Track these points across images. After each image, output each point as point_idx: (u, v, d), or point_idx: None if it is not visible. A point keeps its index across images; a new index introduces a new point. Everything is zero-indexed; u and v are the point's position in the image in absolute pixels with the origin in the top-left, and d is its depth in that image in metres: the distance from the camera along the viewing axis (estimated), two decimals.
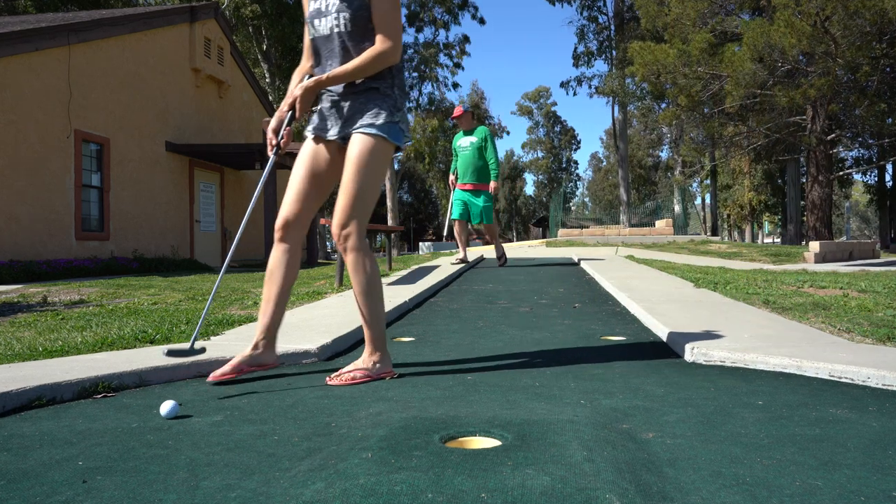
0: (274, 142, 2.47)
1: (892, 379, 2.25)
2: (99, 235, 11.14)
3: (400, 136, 2.48)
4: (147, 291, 5.87)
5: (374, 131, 2.40)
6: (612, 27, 31.65)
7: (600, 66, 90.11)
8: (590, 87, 34.58)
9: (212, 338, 3.30)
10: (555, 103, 61.64)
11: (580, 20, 33.98)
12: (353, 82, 2.44)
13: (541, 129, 62.16)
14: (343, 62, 2.42)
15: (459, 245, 7.95)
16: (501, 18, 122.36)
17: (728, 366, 2.68)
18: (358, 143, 2.41)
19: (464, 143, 7.76)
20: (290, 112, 2.44)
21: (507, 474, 1.38)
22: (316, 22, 2.45)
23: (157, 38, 12.71)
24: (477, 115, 44.45)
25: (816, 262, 10.15)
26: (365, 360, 2.45)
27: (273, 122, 2.48)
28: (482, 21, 33.03)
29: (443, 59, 34.14)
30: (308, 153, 2.53)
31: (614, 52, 31.09)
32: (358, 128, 2.42)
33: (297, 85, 2.47)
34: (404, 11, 32.13)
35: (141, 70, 12.19)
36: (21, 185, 9.58)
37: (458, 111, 7.76)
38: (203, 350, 2.39)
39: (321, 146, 2.53)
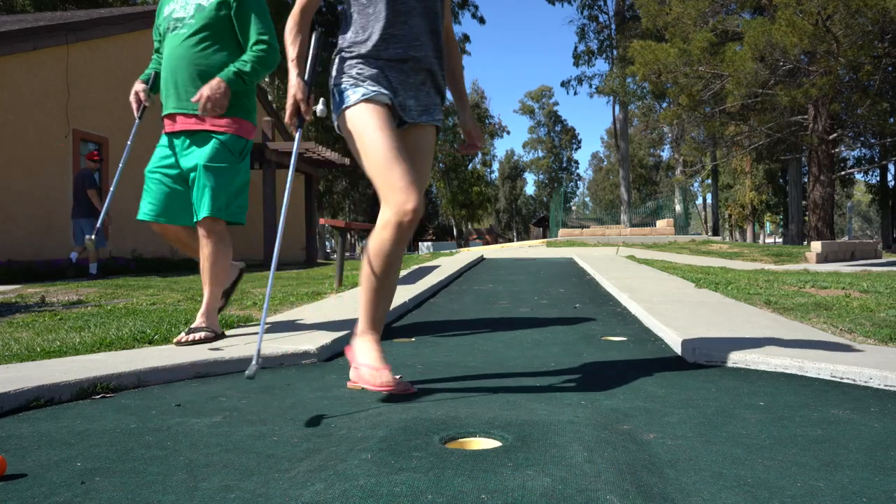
0: (306, 112, 2.13)
1: (894, 380, 2.24)
2: None
3: None
4: (146, 292, 5.87)
5: (440, 125, 2.37)
6: (613, 26, 31.65)
7: (601, 65, 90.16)
8: (590, 86, 34.64)
9: None
10: (556, 102, 61.73)
11: (580, 19, 33.96)
12: (441, 68, 2.27)
13: (542, 129, 62.19)
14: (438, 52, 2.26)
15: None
16: (501, 18, 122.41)
17: (729, 366, 2.66)
18: (433, 135, 2.33)
19: (180, 6, 3.14)
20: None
21: (508, 475, 1.37)
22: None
23: None
24: (477, 114, 43.56)
25: (818, 262, 10.13)
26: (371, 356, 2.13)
27: (301, 90, 2.12)
28: (482, 20, 33.02)
29: None
30: (387, 122, 2.12)
31: (615, 52, 31.09)
32: (437, 119, 2.32)
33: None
34: None
35: (139, 69, 12.15)
36: (19, 184, 9.57)
37: None
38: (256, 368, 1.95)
39: (390, 116, 2.16)
